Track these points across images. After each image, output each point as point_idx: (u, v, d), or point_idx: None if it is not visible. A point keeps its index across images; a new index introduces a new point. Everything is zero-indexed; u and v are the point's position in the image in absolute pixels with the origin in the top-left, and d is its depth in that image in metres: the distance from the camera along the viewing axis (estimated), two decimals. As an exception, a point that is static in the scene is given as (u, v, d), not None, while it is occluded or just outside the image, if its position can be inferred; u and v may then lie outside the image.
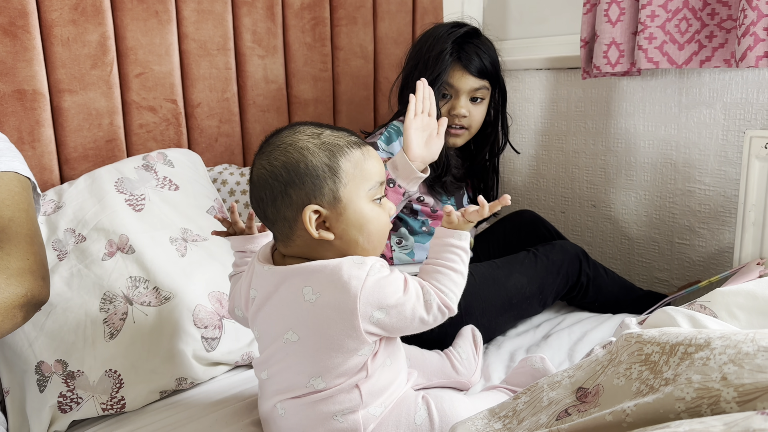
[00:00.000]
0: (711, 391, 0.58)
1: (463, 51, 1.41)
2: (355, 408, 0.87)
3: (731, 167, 1.47)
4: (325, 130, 0.90)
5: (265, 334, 0.93)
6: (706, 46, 1.37)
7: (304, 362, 0.87)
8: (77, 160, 1.42)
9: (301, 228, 0.86)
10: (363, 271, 0.83)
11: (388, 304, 0.84)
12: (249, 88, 1.65)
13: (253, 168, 0.90)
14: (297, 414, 0.89)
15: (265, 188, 0.87)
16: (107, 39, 1.41)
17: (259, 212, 0.90)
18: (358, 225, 0.88)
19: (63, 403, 1.04)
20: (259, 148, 0.92)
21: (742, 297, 0.96)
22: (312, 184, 0.85)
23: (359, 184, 0.88)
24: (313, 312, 0.84)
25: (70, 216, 1.25)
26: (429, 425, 0.89)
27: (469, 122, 1.44)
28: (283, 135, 0.89)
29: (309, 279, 0.85)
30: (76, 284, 1.15)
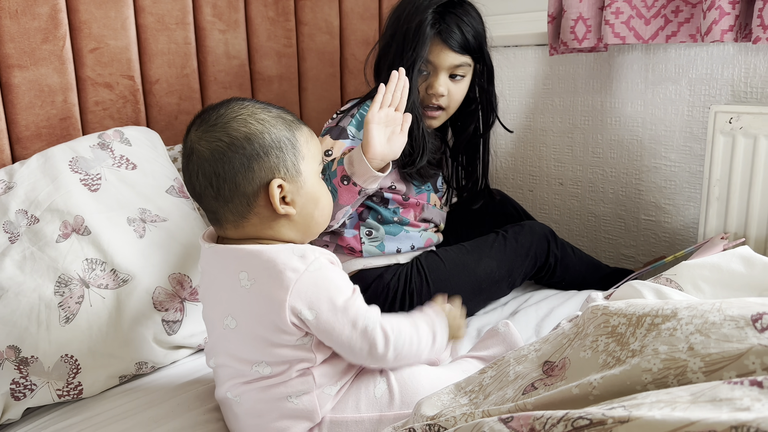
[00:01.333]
0: (678, 362, 0.57)
1: (444, 23, 1.27)
2: (309, 390, 0.85)
3: (696, 143, 1.48)
4: (268, 106, 0.87)
5: (208, 319, 0.91)
6: (672, 20, 1.36)
7: (245, 349, 0.84)
8: (29, 139, 1.36)
9: (260, 205, 0.83)
10: (302, 264, 0.81)
11: (319, 307, 0.80)
12: (210, 64, 1.60)
13: (198, 142, 0.83)
14: (250, 399, 0.86)
15: (224, 162, 0.81)
16: (59, 12, 1.34)
17: (210, 191, 0.83)
18: (314, 199, 0.87)
19: (16, 391, 1.00)
20: (196, 121, 0.86)
21: (707, 270, 0.96)
22: (276, 157, 0.83)
23: (312, 159, 0.88)
24: (248, 299, 0.82)
25: (22, 197, 1.19)
26: (389, 396, 0.88)
27: (447, 102, 1.33)
28: (233, 107, 0.85)
29: (246, 264, 0.82)
30: (29, 267, 1.11)
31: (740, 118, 1.29)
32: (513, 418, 0.58)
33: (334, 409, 0.87)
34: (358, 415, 0.86)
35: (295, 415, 0.85)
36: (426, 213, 1.38)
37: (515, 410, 0.63)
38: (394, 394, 0.88)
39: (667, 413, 0.50)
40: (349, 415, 0.86)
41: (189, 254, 1.23)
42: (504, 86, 1.84)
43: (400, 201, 1.34)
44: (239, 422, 0.89)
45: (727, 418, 0.47)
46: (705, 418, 0.47)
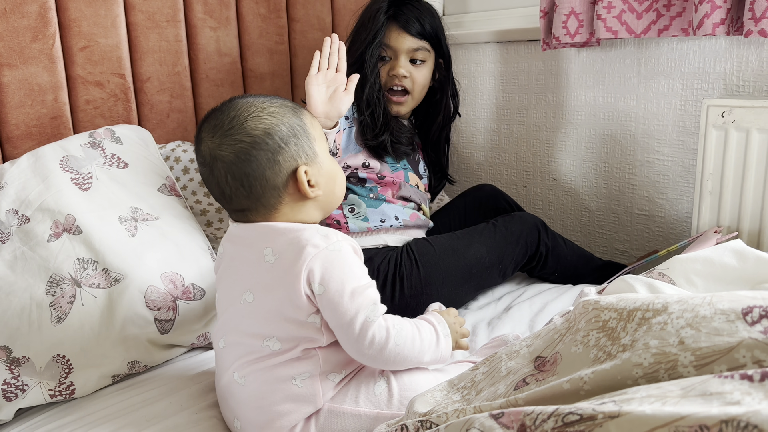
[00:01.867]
0: (668, 356, 0.57)
1: (400, 11, 1.40)
2: (313, 372, 0.86)
3: (689, 137, 1.48)
4: (268, 97, 0.90)
5: (224, 297, 0.93)
6: (664, 14, 1.36)
7: (258, 324, 0.86)
8: (20, 139, 1.36)
9: (290, 193, 0.87)
10: (324, 242, 0.84)
11: (329, 284, 0.82)
12: (201, 62, 1.59)
13: (219, 148, 0.85)
14: (256, 380, 0.87)
15: (250, 161, 0.84)
16: (48, 10, 1.34)
17: (241, 191, 0.85)
18: (332, 177, 0.92)
19: (7, 391, 1.00)
20: (210, 129, 0.87)
21: (700, 264, 0.97)
22: (295, 145, 0.87)
23: (320, 139, 0.92)
24: (270, 273, 0.84)
25: (13, 196, 1.18)
26: (388, 395, 0.88)
27: (410, 84, 1.41)
28: (240, 108, 0.87)
29: (273, 240, 0.85)
30: (20, 267, 1.10)
31: (733, 112, 1.29)
32: (504, 413, 0.57)
33: (334, 399, 0.87)
34: (356, 409, 0.87)
35: (297, 399, 0.85)
36: (404, 191, 1.42)
37: (506, 406, 0.63)
38: (393, 394, 0.89)
39: (657, 408, 0.49)
40: (348, 408, 0.87)
41: (181, 253, 1.22)
42: (497, 82, 1.84)
43: (376, 179, 1.40)
44: (241, 407, 0.89)
45: (718, 412, 0.47)
46: (695, 413, 0.47)
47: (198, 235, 1.30)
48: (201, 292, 1.20)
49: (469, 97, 1.92)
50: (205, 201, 1.52)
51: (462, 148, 2.00)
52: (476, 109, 1.92)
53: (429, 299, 1.22)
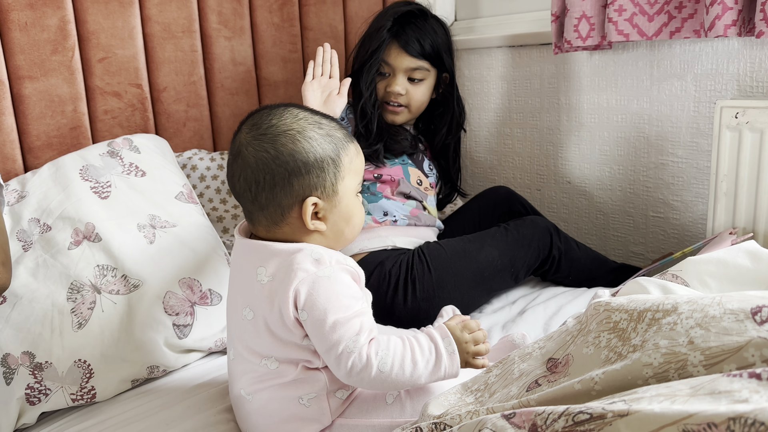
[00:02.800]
0: (678, 356, 0.58)
1: (403, 30, 1.44)
2: (320, 392, 0.85)
3: (703, 138, 1.48)
4: (322, 120, 0.89)
5: (230, 308, 0.92)
6: (675, 16, 1.36)
7: (257, 341, 0.86)
8: (41, 149, 1.39)
9: (293, 216, 0.86)
10: (314, 268, 0.82)
11: (312, 312, 0.80)
12: (216, 71, 1.62)
13: (247, 147, 0.85)
14: (262, 398, 0.87)
15: (266, 173, 0.84)
16: (67, 23, 1.37)
17: (248, 195, 0.86)
18: (347, 217, 0.89)
19: (31, 396, 1.02)
20: (249, 125, 0.88)
21: (713, 265, 0.96)
22: (316, 176, 0.85)
23: (352, 179, 0.89)
24: (262, 293, 0.83)
25: (34, 205, 1.21)
26: (400, 404, 0.88)
27: (407, 101, 1.48)
28: (286, 120, 0.86)
29: (266, 260, 0.84)
30: (42, 274, 1.13)
31: (746, 113, 1.28)
32: (515, 414, 0.58)
33: (344, 414, 0.87)
34: (368, 421, 0.86)
35: (305, 417, 0.85)
36: (403, 187, 1.44)
37: (518, 407, 0.63)
38: (404, 402, 0.88)
39: (666, 406, 0.50)
40: (360, 421, 0.87)
41: (199, 259, 1.24)
42: (509, 86, 1.84)
43: (372, 178, 1.44)
44: (250, 421, 0.90)
45: (725, 410, 0.47)
46: (703, 411, 0.48)
47: (215, 241, 1.32)
48: (218, 297, 1.22)
49: (482, 101, 1.93)
50: (222, 208, 1.54)
51: (475, 152, 2.00)
52: (489, 113, 1.92)
53: (441, 302, 1.23)
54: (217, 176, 1.56)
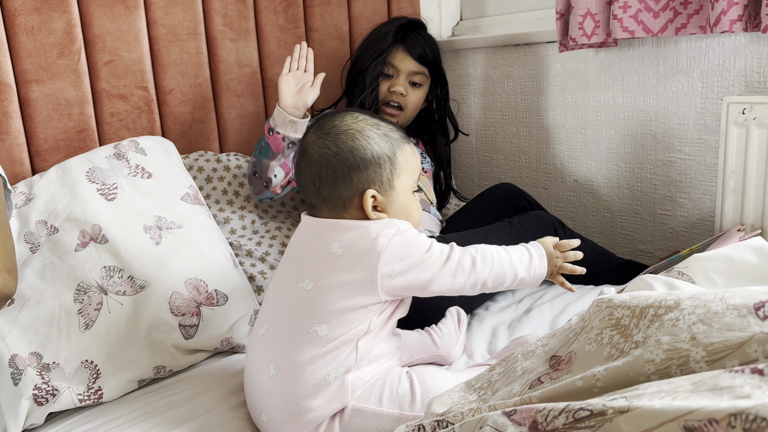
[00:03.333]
0: (680, 352, 0.57)
1: (408, 36, 1.57)
2: (348, 368, 0.88)
3: (710, 135, 1.46)
4: (380, 122, 0.98)
5: (279, 284, 0.96)
6: (681, 13, 1.35)
7: (313, 308, 0.90)
8: (48, 152, 1.40)
9: (354, 208, 0.94)
10: (391, 230, 0.90)
11: (410, 262, 0.89)
12: (222, 73, 1.62)
13: (312, 145, 0.95)
14: (290, 372, 0.88)
15: (328, 167, 0.93)
16: (73, 27, 1.38)
17: (312, 188, 0.95)
18: (405, 212, 0.97)
19: (39, 396, 1.03)
20: (314, 126, 0.98)
21: (720, 262, 0.96)
22: (374, 171, 0.93)
23: (408, 176, 0.97)
24: (336, 263, 0.90)
25: (42, 208, 1.22)
26: (410, 396, 0.90)
27: (405, 102, 1.59)
28: (347, 120, 0.96)
29: (341, 235, 0.91)
30: (50, 276, 1.14)
31: (753, 109, 1.27)
32: (516, 411, 0.58)
33: (359, 398, 0.89)
34: (379, 409, 0.88)
35: (328, 394, 0.87)
36: None
37: (520, 404, 0.63)
38: (416, 395, 0.90)
39: (667, 402, 0.50)
40: (371, 407, 0.89)
41: (205, 260, 1.25)
42: (515, 85, 1.84)
43: None
44: (270, 400, 0.90)
45: (727, 405, 0.47)
46: (704, 407, 0.47)
47: (221, 242, 1.33)
48: (224, 298, 1.23)
49: (488, 100, 1.92)
50: (228, 209, 1.54)
51: (482, 151, 2.00)
52: (495, 113, 1.92)
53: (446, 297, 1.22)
54: (223, 177, 1.56)
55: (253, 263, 1.46)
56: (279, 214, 1.61)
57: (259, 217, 1.57)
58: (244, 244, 1.49)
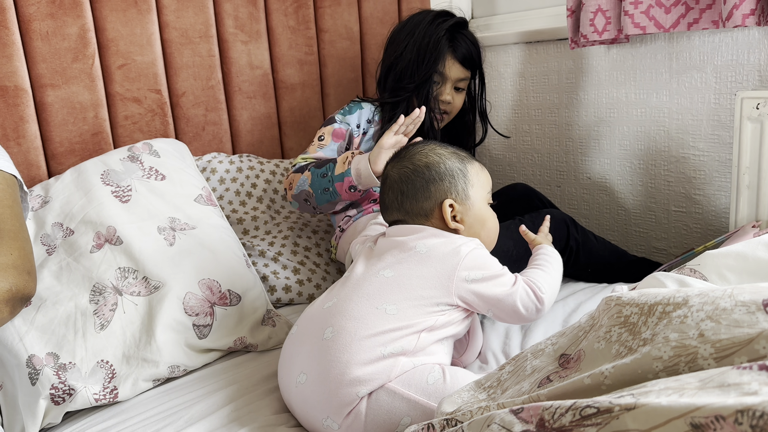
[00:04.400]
0: (688, 349, 0.57)
1: (456, 41, 1.50)
2: (405, 351, 0.92)
3: (724, 131, 1.45)
4: (448, 145, 1.09)
5: (358, 272, 1.01)
6: (693, 8, 1.34)
7: (389, 290, 0.95)
8: (64, 155, 1.42)
9: (436, 218, 1.04)
10: (473, 244, 1.00)
11: (485, 274, 0.97)
12: (234, 75, 1.64)
13: (391, 170, 1.07)
14: (348, 339, 0.91)
15: (408, 183, 1.04)
16: (87, 31, 1.40)
17: (395, 204, 1.06)
18: (481, 221, 1.06)
19: (56, 396, 1.04)
20: (392, 158, 1.11)
21: (732, 259, 0.95)
22: (449, 182, 1.03)
23: (481, 188, 1.07)
24: (420, 259, 0.97)
25: (57, 210, 1.24)
26: (441, 386, 0.90)
27: (451, 108, 1.57)
28: (418, 146, 1.08)
29: (425, 238, 1.00)
30: (66, 277, 1.15)
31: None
32: (523, 408, 0.58)
33: (395, 381, 0.90)
34: (407, 392, 0.89)
35: (377, 366, 0.89)
36: None
37: (528, 402, 0.63)
38: (446, 385, 0.91)
39: (673, 399, 0.49)
40: (400, 389, 0.90)
41: (218, 260, 1.26)
42: (527, 82, 1.83)
43: None
44: (317, 360, 0.92)
45: (734, 402, 0.46)
46: (711, 403, 0.47)
47: (234, 243, 1.34)
48: (237, 297, 1.24)
49: (500, 98, 1.92)
50: (241, 210, 1.56)
51: (494, 149, 1.99)
52: (507, 111, 1.91)
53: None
54: (236, 179, 1.58)
55: (266, 263, 1.47)
56: (291, 215, 1.62)
57: (272, 218, 1.58)
58: (256, 245, 1.50)
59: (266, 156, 1.74)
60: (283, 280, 1.46)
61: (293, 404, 0.96)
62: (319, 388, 0.91)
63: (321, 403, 0.90)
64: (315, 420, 0.92)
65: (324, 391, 0.90)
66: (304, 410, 0.94)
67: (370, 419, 0.89)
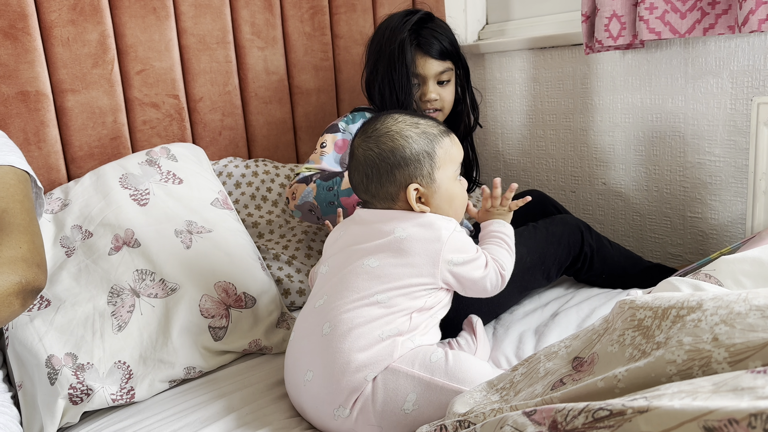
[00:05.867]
0: (702, 353, 0.57)
1: (422, 37, 1.46)
2: (401, 331, 0.95)
3: (741, 136, 1.44)
4: (419, 120, 1.06)
5: (340, 262, 1.03)
6: (709, 13, 1.34)
7: (377, 280, 0.97)
8: (83, 159, 1.44)
9: (401, 201, 1.03)
10: (451, 226, 1.02)
11: (465, 257, 1.00)
12: (250, 81, 1.65)
13: (358, 148, 1.05)
14: (345, 329, 0.94)
15: (372, 167, 1.03)
16: (107, 37, 1.42)
17: (362, 186, 1.06)
18: (448, 200, 1.05)
19: (74, 395, 1.06)
20: (360, 130, 1.07)
21: (748, 264, 0.94)
22: (414, 167, 1.02)
23: (448, 167, 1.05)
24: (401, 244, 0.99)
25: (77, 213, 1.26)
26: (443, 365, 0.93)
27: (441, 104, 1.52)
28: (388, 123, 1.05)
29: (403, 221, 1.01)
30: (84, 279, 1.17)
31: (784, 109, 1.25)
32: (536, 411, 0.58)
33: (397, 360, 0.93)
34: (411, 370, 0.92)
35: (377, 349, 0.93)
36: None
37: (541, 404, 0.63)
38: (448, 363, 0.93)
39: (687, 402, 0.50)
40: (404, 368, 0.92)
41: (234, 263, 1.27)
42: (542, 87, 1.83)
43: None
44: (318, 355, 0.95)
45: (747, 405, 0.46)
46: (724, 407, 0.47)
47: (249, 246, 1.35)
48: (252, 300, 1.25)
49: (515, 103, 1.92)
50: (257, 214, 1.57)
51: (508, 155, 2.00)
52: (521, 116, 1.92)
53: (470, 300, 1.21)
54: (251, 183, 1.59)
55: (280, 266, 1.48)
56: (306, 218, 1.64)
57: (286, 221, 1.59)
58: (271, 248, 1.51)
59: (281, 160, 1.75)
60: (297, 283, 1.47)
61: (303, 404, 0.98)
62: (327, 380, 0.93)
63: (331, 394, 0.93)
64: (326, 414, 0.94)
65: (332, 382, 0.92)
66: (314, 407, 0.95)
67: (378, 400, 0.91)
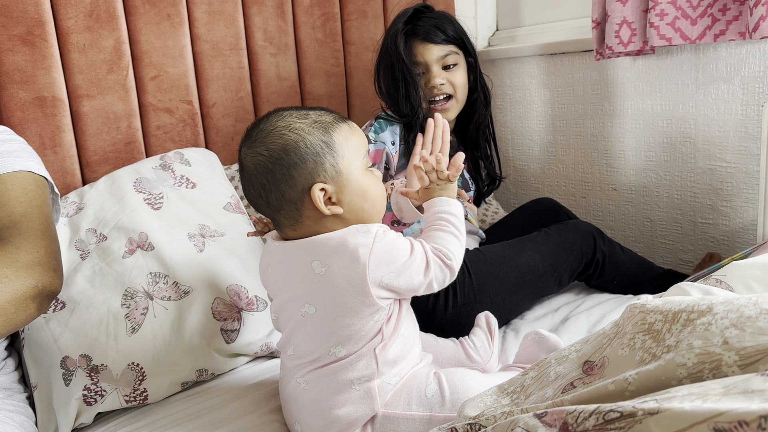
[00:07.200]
0: (712, 356, 0.57)
1: (417, 25, 1.42)
2: (372, 376, 0.89)
3: (752, 142, 1.44)
4: (308, 111, 0.92)
5: (283, 311, 0.95)
6: (719, 19, 1.34)
7: (324, 331, 0.89)
8: (98, 163, 1.46)
9: (308, 208, 0.89)
10: (369, 239, 0.86)
11: (396, 267, 0.87)
12: (263, 87, 1.67)
13: (245, 158, 0.90)
14: (318, 384, 0.90)
15: (266, 174, 0.88)
16: (122, 44, 1.44)
17: (261, 201, 0.90)
18: (361, 193, 0.91)
19: (88, 396, 1.07)
20: (244, 138, 0.92)
21: (759, 269, 0.94)
22: (314, 162, 0.87)
23: (353, 156, 0.91)
24: (325, 283, 0.87)
25: (92, 216, 1.28)
26: (440, 398, 0.90)
27: (451, 89, 1.44)
28: (271, 120, 0.90)
29: (316, 253, 0.88)
30: (99, 282, 1.19)
31: (796, 115, 1.25)
32: (547, 413, 0.59)
33: (388, 405, 0.89)
34: (409, 413, 0.89)
35: (356, 403, 0.89)
36: None
37: (552, 407, 0.64)
38: (445, 395, 0.90)
39: (697, 404, 0.50)
40: (401, 412, 0.89)
41: (246, 267, 1.28)
42: (552, 93, 1.84)
43: None
44: (302, 411, 0.93)
45: (757, 407, 0.47)
46: (734, 409, 0.47)
47: (261, 249, 1.36)
48: (264, 303, 1.26)
49: (525, 109, 1.93)
50: (268, 218, 1.58)
51: (519, 161, 2.00)
52: (532, 122, 1.92)
53: (482, 307, 1.23)
54: (263, 187, 1.60)
55: (292, 271, 1.49)
56: (317, 223, 1.65)
57: (298, 226, 1.60)
58: (283, 253, 1.52)
59: (293, 166, 1.76)
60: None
61: None
62: None
63: None
64: None
65: None
66: None
67: None
